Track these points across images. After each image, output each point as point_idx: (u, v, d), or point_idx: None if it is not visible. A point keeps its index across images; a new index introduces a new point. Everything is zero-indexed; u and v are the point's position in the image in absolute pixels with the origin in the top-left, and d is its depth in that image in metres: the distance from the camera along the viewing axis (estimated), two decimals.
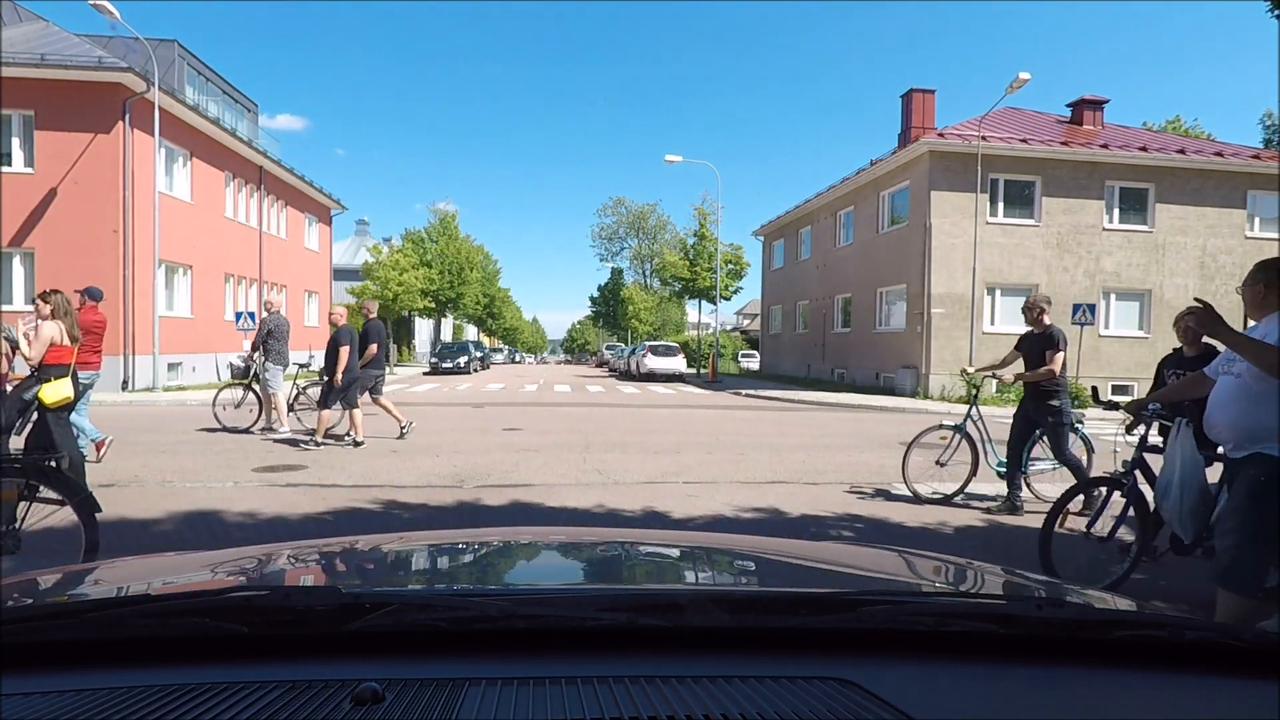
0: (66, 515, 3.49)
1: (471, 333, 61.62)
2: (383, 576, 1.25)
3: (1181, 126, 37.40)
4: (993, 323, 18.33)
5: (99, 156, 15.20)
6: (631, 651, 0.78)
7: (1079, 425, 5.92)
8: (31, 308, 7.49)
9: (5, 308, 15.06)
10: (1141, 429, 4.02)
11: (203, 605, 0.85)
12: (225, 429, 9.36)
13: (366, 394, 8.67)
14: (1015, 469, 5.82)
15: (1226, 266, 19.00)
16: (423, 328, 47.22)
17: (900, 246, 19.53)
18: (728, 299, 31.64)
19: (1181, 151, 19.07)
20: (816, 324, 25.74)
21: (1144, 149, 18.90)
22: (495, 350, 51.54)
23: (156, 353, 15.57)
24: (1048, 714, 0.70)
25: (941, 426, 6.25)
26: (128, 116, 15.27)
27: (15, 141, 15.31)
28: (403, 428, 8.95)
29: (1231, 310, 19.98)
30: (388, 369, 28.98)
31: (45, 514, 3.54)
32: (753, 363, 42.00)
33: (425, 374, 28.05)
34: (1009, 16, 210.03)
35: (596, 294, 55.92)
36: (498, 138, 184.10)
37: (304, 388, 9.96)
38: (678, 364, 25.92)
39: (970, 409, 6.24)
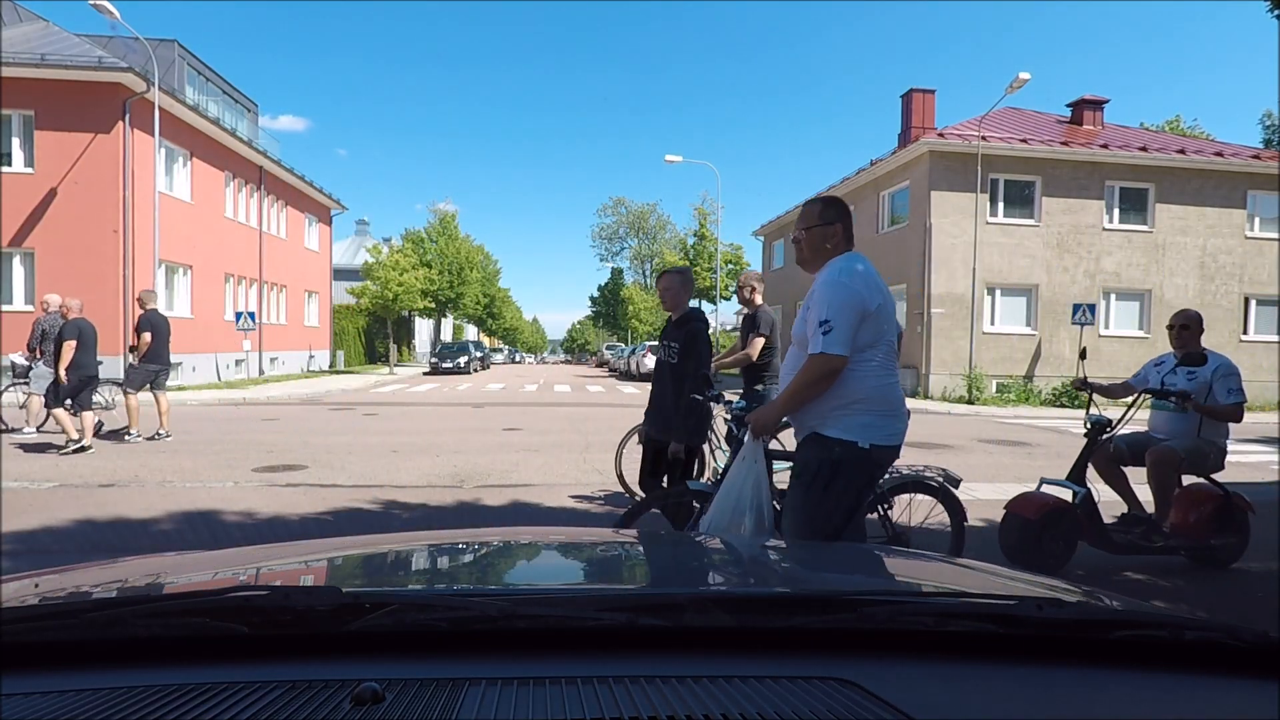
0: (57, 516, 3.47)
1: (471, 333, 61.63)
2: (383, 576, 1.25)
3: (1181, 126, 37.38)
4: (993, 323, 18.32)
5: (99, 156, 15.19)
6: (631, 651, 0.78)
7: None
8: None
9: (5, 308, 15.08)
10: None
11: (203, 605, 0.85)
12: (9, 430, 8.89)
13: (148, 388, 8.44)
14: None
15: (1226, 266, 19.01)
16: (423, 328, 47.26)
17: (900, 247, 19.52)
18: (728, 299, 31.62)
19: (1181, 151, 19.06)
20: None
21: (1144, 149, 18.89)
22: (495, 350, 51.61)
23: None
24: (1048, 714, 0.70)
25: None
26: (128, 116, 15.26)
27: (15, 141, 15.30)
28: (158, 431, 8.46)
29: (1230, 309, 19.91)
30: (387, 367, 29.31)
31: None
32: None
33: (425, 374, 28.06)
34: (1009, 16, 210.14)
35: (596, 294, 55.95)
36: (498, 138, 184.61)
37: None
38: None
39: None
